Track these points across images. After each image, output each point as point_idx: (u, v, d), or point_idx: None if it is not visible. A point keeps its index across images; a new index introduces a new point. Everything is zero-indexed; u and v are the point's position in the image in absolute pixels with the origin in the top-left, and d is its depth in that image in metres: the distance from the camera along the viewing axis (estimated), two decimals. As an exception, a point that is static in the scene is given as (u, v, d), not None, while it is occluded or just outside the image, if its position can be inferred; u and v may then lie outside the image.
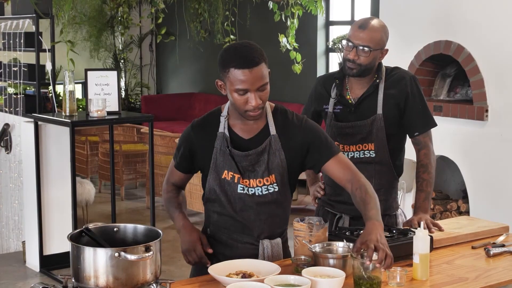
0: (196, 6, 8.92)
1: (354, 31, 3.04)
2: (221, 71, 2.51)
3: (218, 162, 2.59)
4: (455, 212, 5.58)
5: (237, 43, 2.56)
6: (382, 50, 3.06)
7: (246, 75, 2.44)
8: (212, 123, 2.63)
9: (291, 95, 9.59)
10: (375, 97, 3.09)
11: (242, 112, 2.52)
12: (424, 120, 3.12)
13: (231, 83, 2.47)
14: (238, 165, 2.57)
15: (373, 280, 2.30)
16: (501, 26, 5.01)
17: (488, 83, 5.10)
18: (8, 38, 6.10)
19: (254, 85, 2.46)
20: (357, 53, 3.02)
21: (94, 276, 2.08)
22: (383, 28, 3.07)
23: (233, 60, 2.46)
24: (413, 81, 3.12)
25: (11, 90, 6.37)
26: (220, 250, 2.64)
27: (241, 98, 2.47)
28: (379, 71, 3.12)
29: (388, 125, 3.07)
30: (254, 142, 2.59)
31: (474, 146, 5.15)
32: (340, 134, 3.13)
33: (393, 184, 3.16)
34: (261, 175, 2.58)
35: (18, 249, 5.98)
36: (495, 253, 2.76)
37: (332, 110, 3.15)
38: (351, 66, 3.05)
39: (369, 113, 3.08)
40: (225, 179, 2.59)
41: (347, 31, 3.12)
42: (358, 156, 3.11)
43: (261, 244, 2.63)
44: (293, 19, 6.70)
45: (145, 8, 10.71)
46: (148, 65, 11.83)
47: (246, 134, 2.61)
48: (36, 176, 5.44)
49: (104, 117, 5.25)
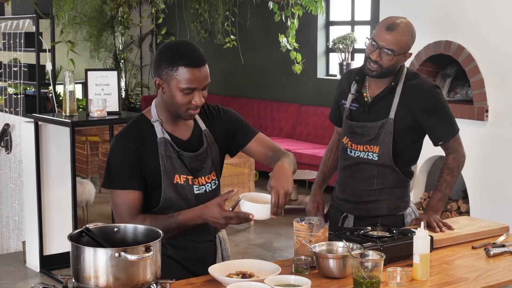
0: (196, 6, 8.92)
1: (380, 32, 2.96)
2: (163, 68, 2.44)
3: (167, 168, 2.53)
4: (455, 212, 5.59)
5: (180, 42, 2.52)
6: (406, 53, 3.01)
7: (196, 74, 2.43)
8: (144, 131, 2.54)
9: (291, 95, 9.59)
10: (390, 100, 3.04)
11: (181, 112, 2.49)
12: (447, 129, 3.06)
13: (178, 81, 2.43)
14: (187, 167, 2.56)
15: (373, 279, 2.30)
16: (501, 26, 5.01)
17: (488, 83, 5.10)
18: (8, 38, 6.10)
19: (202, 84, 2.46)
20: (380, 55, 2.96)
21: (94, 276, 2.08)
22: (411, 31, 3.00)
23: (183, 58, 2.42)
24: (433, 91, 3.05)
25: (11, 90, 6.37)
26: (180, 255, 2.59)
27: (185, 97, 2.45)
28: (399, 74, 3.06)
29: (398, 131, 3.03)
30: (192, 142, 2.60)
31: (474, 146, 5.15)
32: (351, 132, 3.12)
33: (399, 185, 3.11)
34: (209, 171, 2.61)
35: (18, 249, 5.98)
36: (495, 253, 2.76)
37: (348, 107, 3.14)
38: (372, 67, 2.99)
39: (381, 115, 3.04)
40: (177, 183, 2.55)
41: (347, 31, 3.10)
42: (362, 156, 3.10)
43: (217, 238, 2.68)
44: (293, 19, 6.71)
45: (145, 8, 10.72)
46: (148, 65, 11.83)
47: (182, 135, 2.59)
48: (36, 176, 5.45)
49: (104, 117, 5.26)
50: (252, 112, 10.12)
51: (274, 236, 6.49)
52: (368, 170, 3.08)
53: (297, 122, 9.42)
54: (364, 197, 3.11)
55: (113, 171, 2.51)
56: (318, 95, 9.10)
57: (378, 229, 2.76)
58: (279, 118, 9.75)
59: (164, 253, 2.47)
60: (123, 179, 2.50)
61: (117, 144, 2.53)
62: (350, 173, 3.14)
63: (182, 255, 2.60)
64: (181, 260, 2.60)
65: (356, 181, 3.12)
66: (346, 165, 3.16)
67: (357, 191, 3.13)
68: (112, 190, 2.53)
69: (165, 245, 2.53)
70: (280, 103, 9.79)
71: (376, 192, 3.09)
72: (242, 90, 10.10)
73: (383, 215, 3.10)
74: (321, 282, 2.44)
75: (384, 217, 3.09)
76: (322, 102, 8.99)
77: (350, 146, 3.12)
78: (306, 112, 9.27)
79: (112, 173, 2.52)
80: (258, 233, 6.57)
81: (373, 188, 3.09)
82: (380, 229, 2.76)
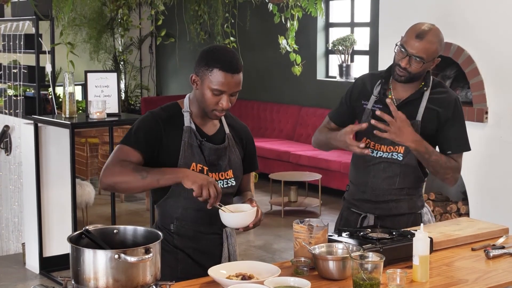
0: (196, 8, 8.92)
1: (410, 39, 2.99)
2: (201, 67, 2.60)
3: (186, 154, 2.64)
4: (455, 214, 5.59)
5: (223, 47, 2.70)
6: (434, 59, 3.03)
7: (228, 79, 2.58)
8: (174, 117, 2.69)
9: (290, 96, 9.60)
10: (418, 103, 3.07)
11: (208, 110, 2.63)
12: (460, 143, 3.11)
13: (210, 81, 2.58)
14: (206, 158, 2.66)
15: (372, 281, 2.30)
16: (501, 28, 5.02)
17: (487, 85, 5.11)
18: (8, 40, 6.10)
19: (231, 90, 2.61)
20: (410, 62, 2.98)
21: (94, 278, 2.08)
22: (439, 38, 3.02)
23: (220, 61, 2.57)
24: (457, 103, 3.11)
25: (11, 92, 6.38)
26: (187, 245, 2.67)
27: (214, 97, 2.59)
28: (427, 79, 3.09)
29: (423, 133, 3.04)
30: (215, 139, 2.72)
31: (474, 148, 5.12)
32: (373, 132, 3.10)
33: (417, 184, 3.16)
34: (224, 169, 2.71)
35: (18, 251, 5.98)
36: (495, 255, 2.76)
37: (370, 107, 3.14)
38: (400, 73, 3.02)
39: (408, 117, 3.03)
40: (193, 170, 2.62)
41: (347, 33, 3.10)
42: (385, 156, 3.11)
43: (224, 232, 2.73)
44: (293, 21, 6.70)
45: (145, 10, 10.73)
46: (148, 67, 11.84)
47: (208, 130, 2.73)
48: (36, 178, 5.45)
49: (104, 119, 5.26)
50: (252, 113, 10.12)
51: (274, 238, 6.49)
52: (391, 169, 3.09)
53: (297, 123, 9.42)
54: (385, 196, 3.12)
55: (132, 132, 2.63)
56: (317, 97, 9.10)
57: (378, 230, 2.77)
58: (279, 119, 9.76)
59: (171, 243, 2.64)
60: (136, 140, 2.60)
61: (148, 115, 2.67)
62: (371, 172, 3.14)
63: (189, 244, 2.67)
64: (187, 250, 2.67)
65: (378, 181, 3.13)
66: (367, 165, 3.15)
67: (379, 190, 3.13)
68: (121, 145, 2.61)
69: (171, 235, 2.66)
70: (280, 104, 9.79)
71: (397, 191, 3.12)
72: (242, 92, 9.96)
73: (404, 213, 3.13)
74: (321, 284, 2.44)
75: (405, 216, 3.13)
76: (322, 103, 8.99)
77: (372, 147, 3.12)
78: (306, 114, 9.28)
79: (130, 133, 2.63)
80: (258, 235, 6.58)
81: (395, 187, 3.11)
82: (379, 231, 2.76)
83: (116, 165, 2.55)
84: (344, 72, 8.74)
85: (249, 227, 2.59)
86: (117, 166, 2.54)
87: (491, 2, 5.08)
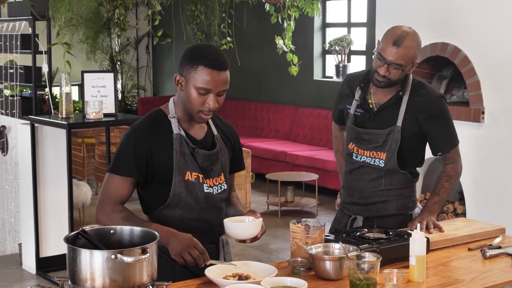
0: (193, 8, 8.93)
1: (387, 46, 2.95)
2: (186, 66, 2.51)
3: (180, 164, 2.57)
4: (452, 214, 5.59)
5: (208, 44, 2.59)
6: (413, 63, 3.02)
7: (214, 76, 2.47)
8: (160, 125, 2.59)
9: (287, 97, 9.60)
10: (397, 108, 3.06)
11: (194, 112, 2.53)
12: (447, 140, 3.10)
13: (195, 80, 2.48)
14: (200, 165, 2.60)
15: (369, 281, 2.30)
16: (497, 28, 5.02)
17: (484, 85, 5.11)
18: (5, 40, 6.09)
19: (218, 88, 2.49)
20: (388, 69, 2.96)
21: (91, 278, 2.08)
22: (417, 42, 3.00)
23: (205, 58, 2.48)
24: (440, 101, 3.09)
25: (7, 92, 6.36)
26: None
27: (200, 97, 2.49)
28: (406, 83, 3.07)
29: (405, 138, 3.05)
30: (206, 142, 2.65)
31: (471, 148, 5.16)
32: (357, 138, 3.13)
33: (407, 185, 3.15)
34: (217, 174, 2.65)
35: (15, 251, 5.97)
36: (492, 255, 2.77)
37: (353, 112, 3.14)
38: (379, 79, 3.00)
39: (388, 123, 3.05)
40: (188, 180, 2.58)
41: (344, 33, 3.10)
42: (368, 161, 3.12)
43: (221, 241, 2.70)
44: (289, 21, 6.71)
45: (142, 10, 10.71)
46: (145, 67, 11.83)
47: (197, 134, 2.65)
48: (33, 178, 5.44)
49: (101, 119, 5.25)
50: (249, 114, 10.12)
51: (271, 238, 6.49)
52: (375, 172, 3.11)
53: (294, 123, 9.42)
54: (372, 198, 3.14)
55: (120, 157, 2.55)
56: (314, 97, 9.10)
57: (375, 230, 2.77)
58: (275, 120, 9.75)
59: (167, 254, 2.51)
60: (125, 166, 2.53)
61: (131, 133, 2.58)
62: (356, 175, 3.16)
63: None
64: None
65: (364, 183, 3.14)
66: (352, 168, 3.18)
67: (365, 193, 3.15)
68: (111, 174, 2.56)
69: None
70: (276, 105, 9.79)
71: (384, 192, 3.12)
72: (238, 92, 10.09)
73: (392, 214, 3.13)
74: (318, 284, 2.44)
75: (394, 217, 3.13)
76: (319, 104, 8.99)
77: (356, 151, 3.13)
78: (303, 114, 9.28)
79: (118, 158, 2.55)
80: (255, 235, 6.57)
81: (381, 189, 3.12)
82: (376, 231, 2.76)
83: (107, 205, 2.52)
84: (341, 72, 8.73)
85: (257, 237, 2.55)
86: (107, 211, 2.51)
87: (488, 2, 5.08)
